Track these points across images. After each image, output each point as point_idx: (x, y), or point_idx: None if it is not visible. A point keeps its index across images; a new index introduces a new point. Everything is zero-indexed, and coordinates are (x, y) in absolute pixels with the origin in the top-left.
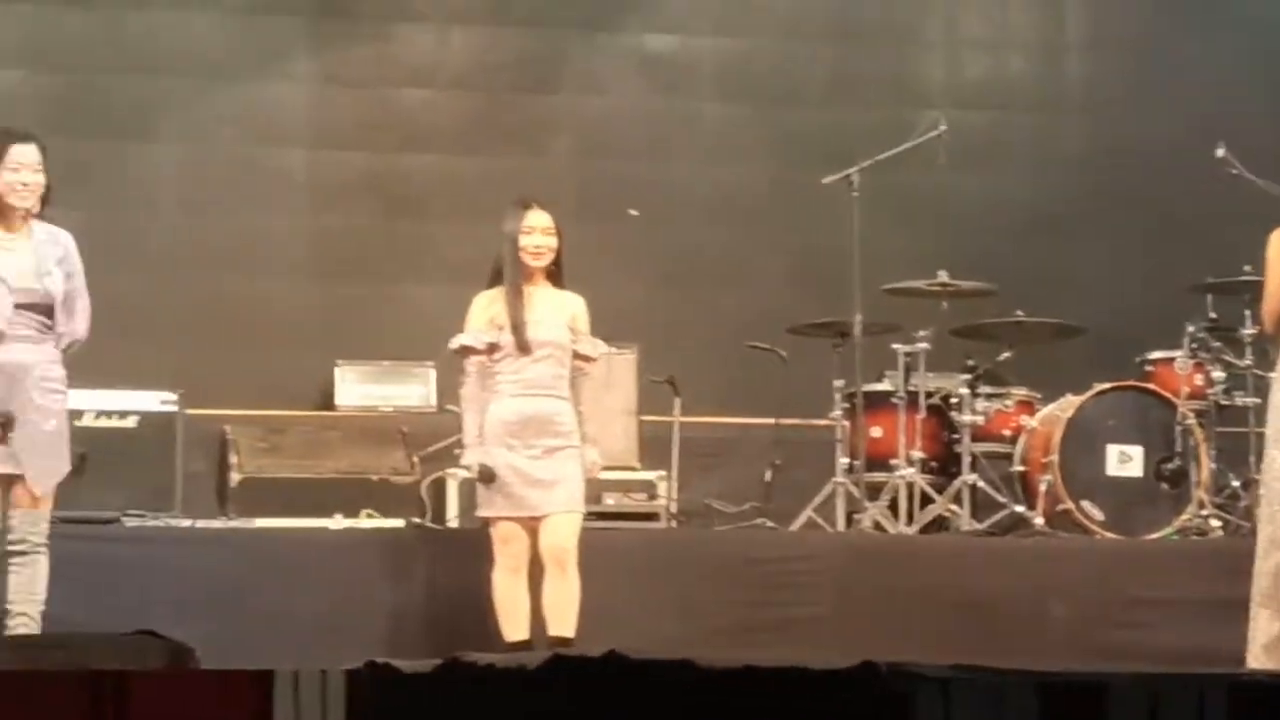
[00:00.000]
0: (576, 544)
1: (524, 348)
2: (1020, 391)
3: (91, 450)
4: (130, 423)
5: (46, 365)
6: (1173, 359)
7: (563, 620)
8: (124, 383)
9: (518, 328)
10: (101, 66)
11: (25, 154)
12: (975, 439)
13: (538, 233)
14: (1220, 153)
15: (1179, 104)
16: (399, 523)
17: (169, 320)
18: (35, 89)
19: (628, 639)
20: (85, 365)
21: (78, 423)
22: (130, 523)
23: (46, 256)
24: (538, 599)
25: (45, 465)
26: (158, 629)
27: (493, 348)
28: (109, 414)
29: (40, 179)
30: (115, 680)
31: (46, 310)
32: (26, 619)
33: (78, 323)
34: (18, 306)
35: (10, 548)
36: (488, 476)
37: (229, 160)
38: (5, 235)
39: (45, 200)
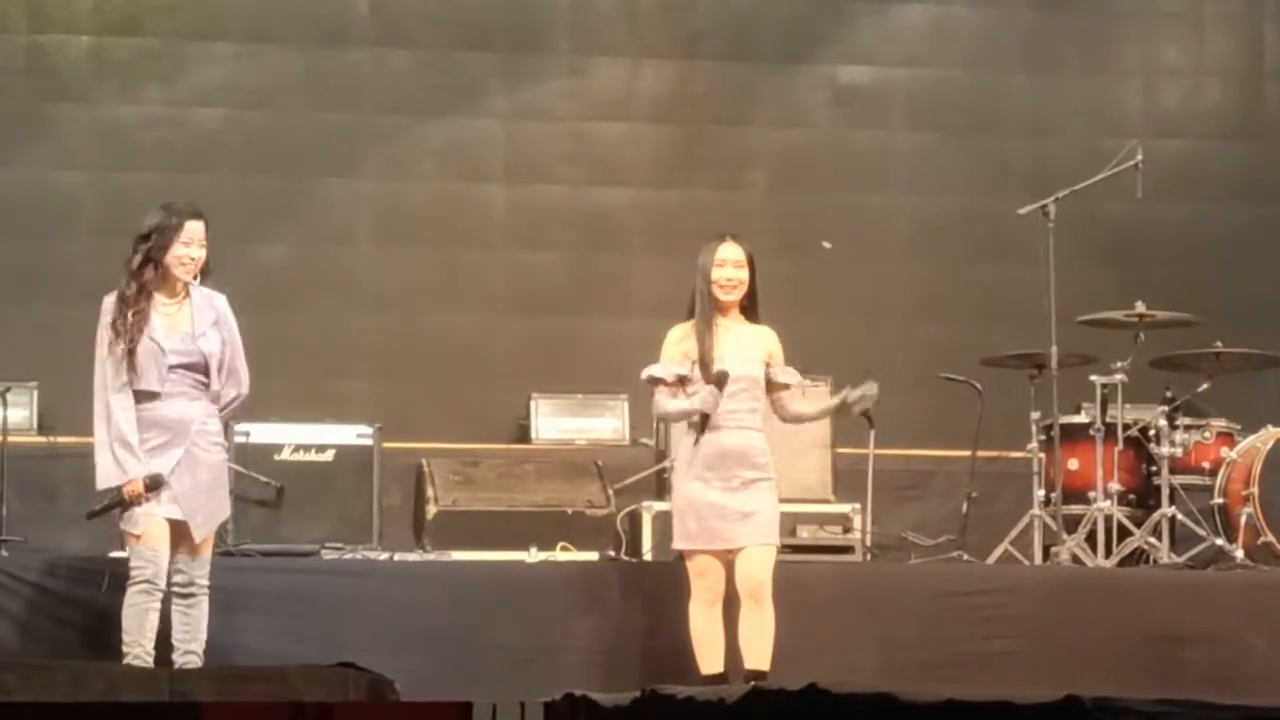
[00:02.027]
0: (771, 577)
1: (716, 382)
2: (1219, 423)
3: (289, 484)
4: (328, 456)
5: (204, 419)
6: None
7: (758, 653)
8: (321, 416)
9: (707, 362)
10: (301, 104)
11: (196, 230)
12: (1174, 471)
13: (729, 266)
14: None
15: None
16: (594, 555)
17: (366, 354)
18: (237, 126)
19: (823, 673)
20: (283, 399)
21: (276, 457)
22: (328, 555)
23: (203, 320)
24: (733, 632)
25: (206, 512)
26: (357, 661)
27: (683, 380)
28: (306, 448)
29: (203, 254)
30: (318, 711)
31: (202, 369)
32: (194, 656)
33: (240, 379)
34: (174, 367)
35: (177, 590)
36: (723, 380)
37: (427, 195)
38: (165, 301)
39: (205, 272)
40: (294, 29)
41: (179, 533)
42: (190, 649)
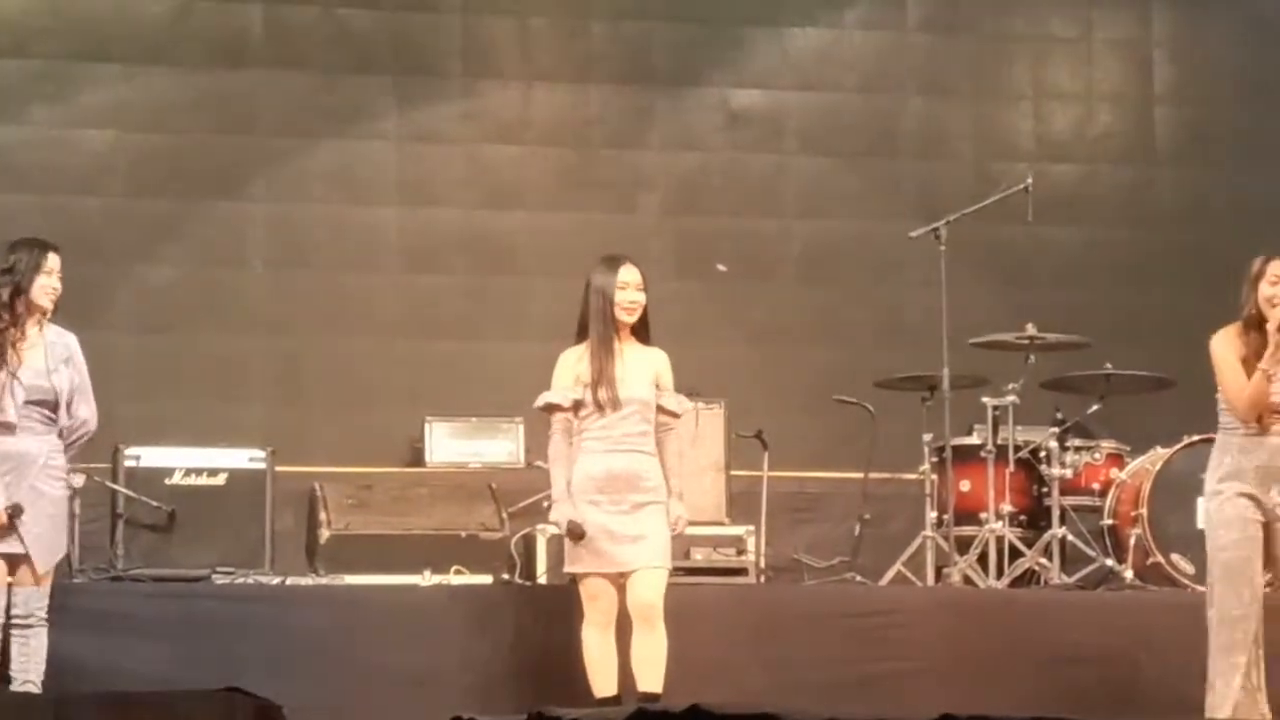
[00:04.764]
0: (663, 599)
1: (611, 405)
2: (1109, 444)
3: (181, 508)
4: (220, 480)
5: (50, 454)
6: None
7: (651, 676)
8: (213, 440)
9: (605, 384)
10: (191, 125)
11: (56, 262)
12: (1064, 492)
13: (631, 288)
14: None
15: (1268, 155)
16: (488, 579)
17: (259, 377)
18: (126, 148)
19: (717, 694)
20: (175, 423)
21: (167, 481)
22: (220, 580)
23: (55, 356)
24: (626, 654)
25: (48, 544)
26: (247, 686)
27: (578, 405)
28: (198, 471)
29: (60, 287)
30: None
31: (52, 405)
32: (31, 685)
33: (86, 416)
34: (27, 402)
35: (16, 621)
36: (577, 533)
37: (319, 218)
38: (21, 336)
39: (56, 306)
40: (185, 50)
41: (18, 565)
42: (28, 679)
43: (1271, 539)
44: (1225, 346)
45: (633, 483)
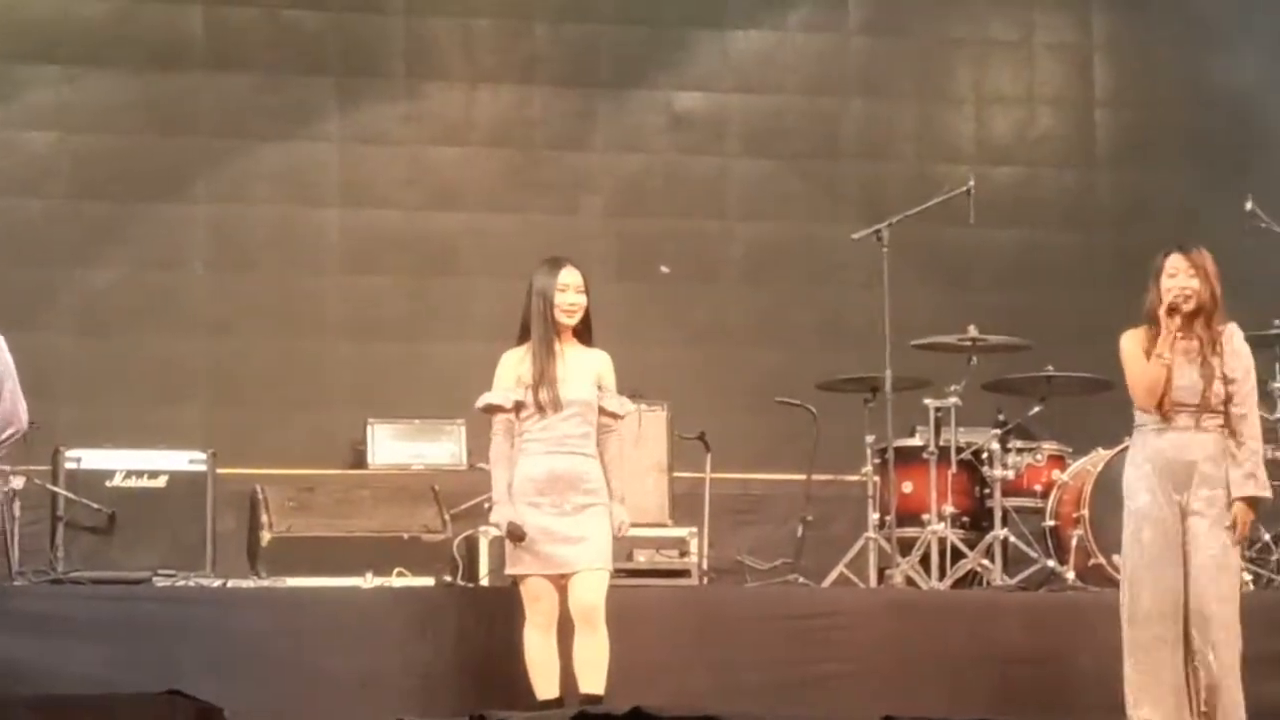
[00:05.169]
0: (604, 601)
1: (552, 406)
2: (1051, 446)
3: (121, 510)
4: (160, 482)
5: None
6: None
7: (592, 677)
8: (154, 442)
9: (546, 386)
10: (134, 127)
11: None
12: (1006, 494)
13: (571, 290)
14: (1249, 206)
15: (1208, 157)
16: (430, 581)
17: (200, 379)
18: (69, 150)
19: (660, 696)
20: (115, 425)
21: (108, 483)
22: (161, 583)
23: None
24: (569, 656)
25: None
26: (188, 689)
27: (519, 406)
28: (139, 474)
29: None
30: None
31: None
32: None
33: (14, 415)
34: None
35: None
36: (517, 534)
37: (262, 219)
38: None
39: None
40: (127, 51)
41: None
42: None
43: (1188, 538)
44: (1131, 341)
45: (574, 484)
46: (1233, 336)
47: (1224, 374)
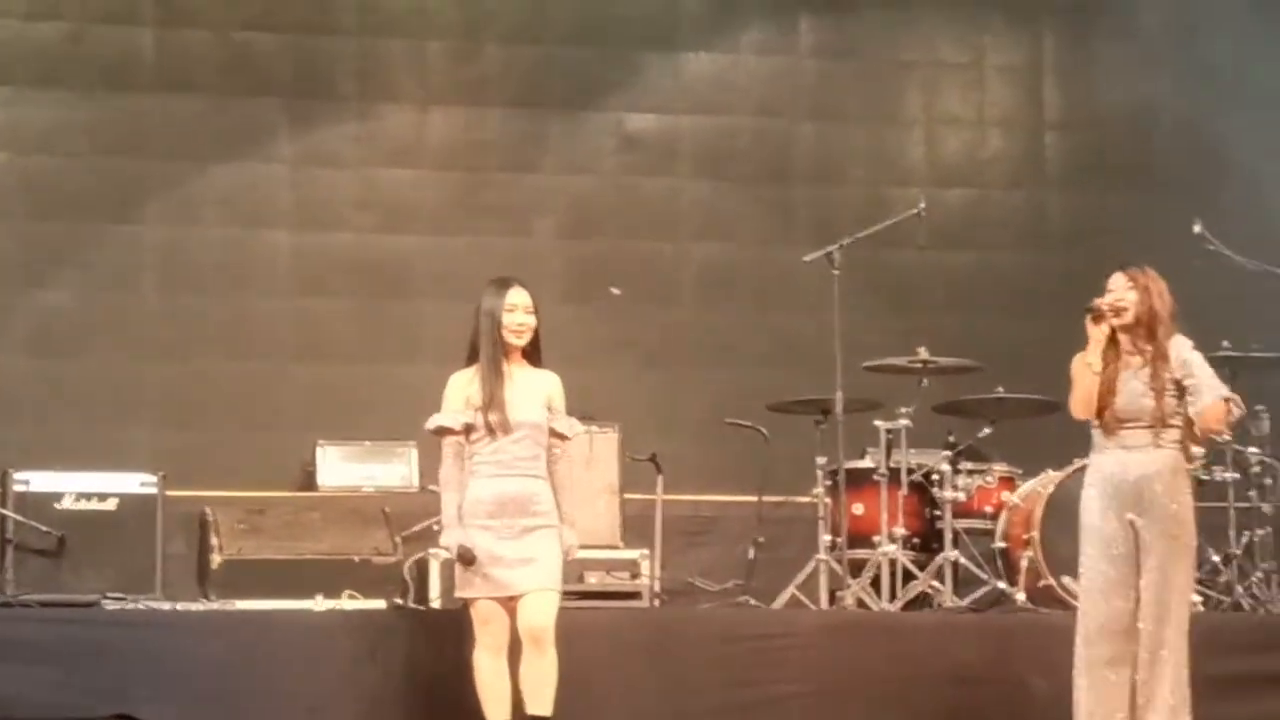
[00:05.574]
0: (553, 623)
1: (501, 428)
2: (1001, 467)
3: (70, 533)
4: (110, 505)
5: None
6: None
7: (540, 699)
8: (104, 464)
9: (495, 408)
10: (84, 149)
11: None
12: (957, 515)
13: (520, 311)
14: (1197, 229)
15: (1155, 180)
16: (381, 603)
17: (150, 401)
18: (19, 171)
19: (610, 718)
20: (65, 447)
21: (57, 505)
22: (110, 606)
23: None
24: (518, 678)
25: None
26: (137, 713)
27: (469, 428)
28: (88, 496)
29: None
30: None
31: None
32: None
33: None
34: None
35: None
36: (467, 557)
37: (213, 241)
38: None
39: None
40: (78, 73)
41: None
42: None
43: (1140, 557)
44: (1078, 360)
45: (524, 507)
46: (1179, 347)
47: (1176, 382)
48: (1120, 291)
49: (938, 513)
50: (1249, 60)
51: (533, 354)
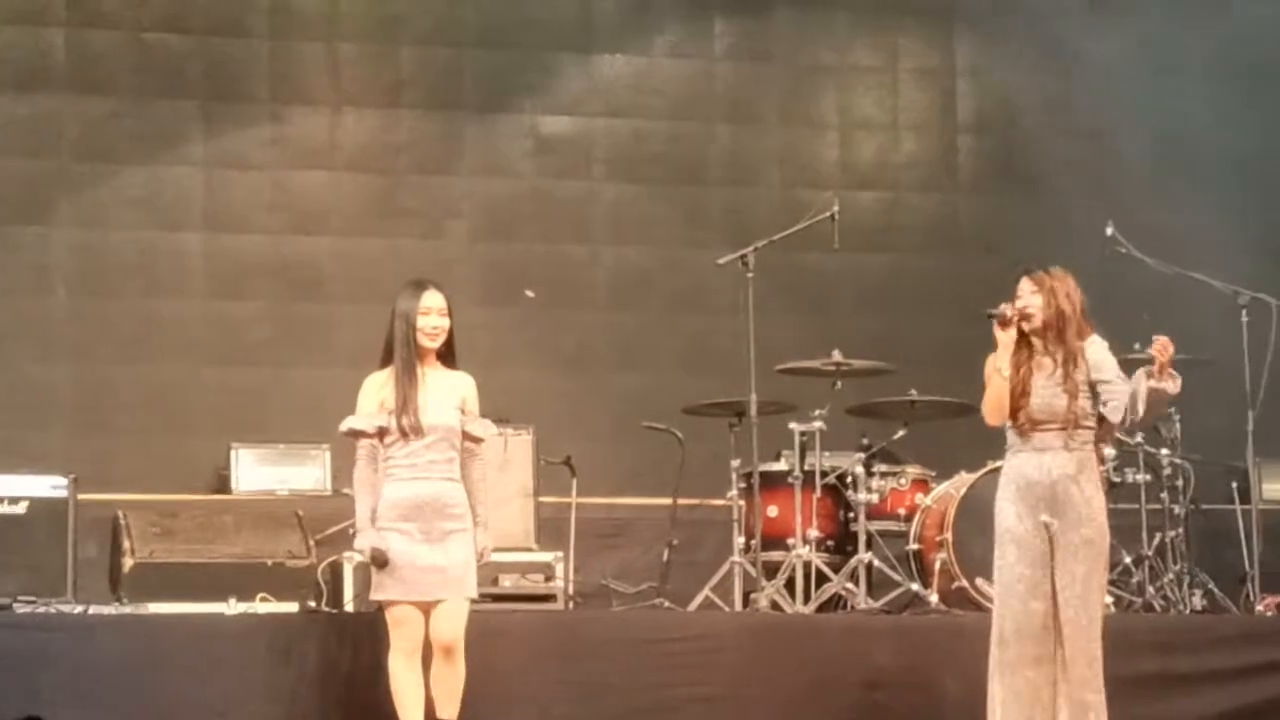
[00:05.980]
0: (464, 630)
1: (414, 431)
2: (914, 470)
3: None
4: (20, 508)
5: None
6: None
7: (448, 703)
8: (13, 467)
9: (408, 411)
10: None
11: None
12: (871, 517)
13: (434, 313)
14: (1109, 231)
15: (1067, 183)
16: (295, 607)
17: (62, 404)
18: None
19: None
20: None
21: None
22: (21, 609)
23: None
24: (429, 681)
25: None
26: (48, 716)
27: (383, 431)
28: None
29: None
30: None
31: None
32: None
33: None
34: None
35: None
36: (381, 560)
37: (125, 244)
38: None
39: None
40: None
41: None
42: None
43: (1055, 559)
44: (989, 364)
45: (439, 510)
46: (1092, 347)
47: (1090, 384)
48: (1026, 297)
49: (852, 515)
50: (1161, 63)
51: (447, 356)
